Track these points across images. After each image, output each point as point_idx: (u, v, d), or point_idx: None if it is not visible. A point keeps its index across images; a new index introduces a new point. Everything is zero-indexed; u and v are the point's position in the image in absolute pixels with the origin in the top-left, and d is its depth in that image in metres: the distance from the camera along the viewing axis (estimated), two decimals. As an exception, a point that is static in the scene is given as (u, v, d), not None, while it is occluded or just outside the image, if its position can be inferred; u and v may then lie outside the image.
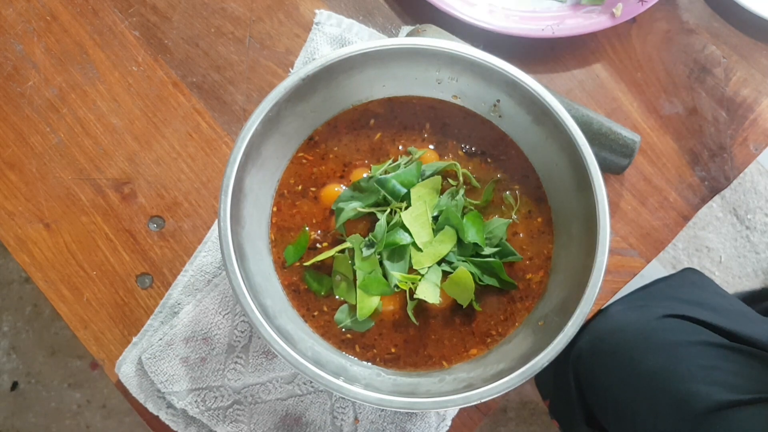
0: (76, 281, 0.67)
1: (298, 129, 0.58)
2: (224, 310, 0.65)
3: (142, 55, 0.71)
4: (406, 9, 0.72)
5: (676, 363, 0.65)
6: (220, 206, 0.51)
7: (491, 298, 0.57)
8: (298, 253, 0.58)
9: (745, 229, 1.43)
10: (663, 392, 0.64)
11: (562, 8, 0.70)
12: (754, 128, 0.71)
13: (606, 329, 0.73)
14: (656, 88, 0.71)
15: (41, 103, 0.70)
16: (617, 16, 0.68)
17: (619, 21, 0.68)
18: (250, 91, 0.71)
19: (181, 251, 0.68)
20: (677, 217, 0.69)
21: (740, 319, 0.74)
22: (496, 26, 0.68)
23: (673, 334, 0.69)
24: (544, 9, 0.71)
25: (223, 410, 0.64)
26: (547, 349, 0.50)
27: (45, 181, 0.69)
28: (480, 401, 0.49)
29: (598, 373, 0.71)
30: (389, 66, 0.57)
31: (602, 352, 0.71)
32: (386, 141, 0.60)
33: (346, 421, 0.65)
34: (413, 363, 0.56)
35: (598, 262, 0.51)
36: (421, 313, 0.57)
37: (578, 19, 0.69)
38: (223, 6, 0.72)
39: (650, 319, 0.72)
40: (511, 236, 0.58)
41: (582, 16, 0.69)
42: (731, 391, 0.61)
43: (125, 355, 0.65)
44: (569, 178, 0.55)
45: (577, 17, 0.69)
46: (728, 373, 0.65)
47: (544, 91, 0.54)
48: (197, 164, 0.69)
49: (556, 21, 0.69)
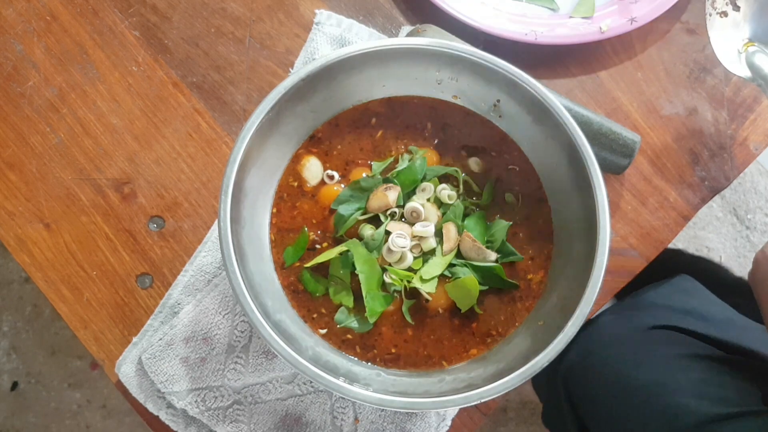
0: (76, 281, 0.67)
1: (298, 129, 0.58)
2: (224, 310, 0.65)
3: (142, 55, 0.71)
4: (406, 9, 0.72)
5: (666, 376, 0.66)
6: (220, 206, 0.51)
7: (491, 299, 0.57)
8: (297, 254, 0.58)
9: (745, 229, 1.43)
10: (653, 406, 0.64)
11: (553, 16, 0.70)
12: (754, 128, 0.71)
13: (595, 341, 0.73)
14: (656, 88, 0.71)
15: (41, 103, 0.70)
16: (604, 32, 0.68)
17: (605, 37, 0.68)
18: (250, 91, 0.71)
19: (181, 251, 0.68)
20: (677, 217, 0.69)
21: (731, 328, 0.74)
22: (483, 24, 0.68)
23: (663, 346, 0.70)
24: (535, 15, 0.70)
25: (223, 410, 0.64)
26: (547, 349, 0.50)
27: (45, 181, 0.69)
28: (480, 401, 0.49)
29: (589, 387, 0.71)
30: (389, 66, 0.57)
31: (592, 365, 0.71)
32: (389, 139, 0.60)
33: (346, 421, 0.65)
34: (413, 363, 0.56)
35: (598, 262, 0.51)
36: (421, 314, 0.57)
37: (565, 29, 0.69)
38: (223, 6, 0.72)
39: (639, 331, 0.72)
40: (512, 236, 0.58)
41: (569, 27, 0.69)
42: (721, 404, 0.61)
43: (125, 355, 0.65)
44: (569, 178, 0.55)
45: (565, 27, 0.69)
46: (718, 386, 0.65)
47: (544, 91, 0.54)
48: (197, 164, 0.69)
49: (544, 28, 0.69)
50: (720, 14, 0.64)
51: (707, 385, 0.65)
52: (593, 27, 0.68)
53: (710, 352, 0.69)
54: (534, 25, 0.69)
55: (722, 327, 0.73)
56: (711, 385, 0.65)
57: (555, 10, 0.71)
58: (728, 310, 0.80)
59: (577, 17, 0.70)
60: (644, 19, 0.68)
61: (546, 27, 0.69)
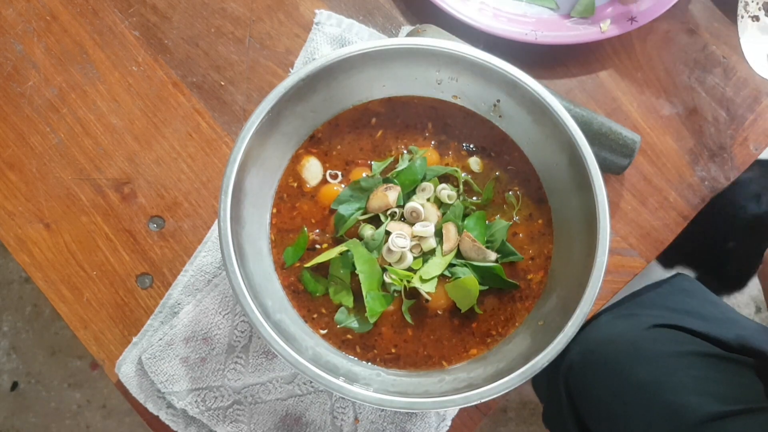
0: (76, 281, 0.67)
1: (298, 129, 0.58)
2: (224, 310, 0.65)
3: (142, 55, 0.71)
4: (406, 9, 0.72)
5: (668, 374, 0.66)
6: (220, 206, 0.51)
7: (491, 299, 0.57)
8: (297, 254, 0.58)
9: (745, 229, 1.43)
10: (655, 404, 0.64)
11: (553, 16, 0.70)
12: (754, 128, 0.71)
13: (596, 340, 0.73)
14: (656, 88, 0.71)
15: (41, 103, 0.70)
16: (604, 32, 0.68)
17: (605, 37, 0.68)
18: (250, 91, 0.71)
19: (181, 251, 0.68)
20: (677, 217, 0.69)
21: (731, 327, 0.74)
22: (482, 24, 0.68)
23: (664, 344, 0.70)
24: (535, 14, 0.70)
25: (223, 410, 0.64)
26: (547, 349, 0.50)
27: (45, 181, 0.69)
28: (480, 401, 0.49)
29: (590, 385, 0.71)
30: (389, 66, 0.57)
31: (593, 363, 0.71)
32: (389, 139, 0.60)
33: (346, 421, 0.65)
34: (413, 363, 0.56)
35: (598, 262, 0.51)
36: (421, 314, 0.57)
37: (565, 29, 0.69)
38: (223, 6, 0.72)
39: (640, 330, 0.72)
40: (512, 236, 0.58)
41: (569, 27, 0.69)
42: (722, 401, 0.61)
43: (125, 355, 0.65)
44: (569, 178, 0.55)
45: (565, 27, 0.69)
46: (719, 383, 0.65)
47: (544, 91, 0.54)
48: (197, 164, 0.69)
49: (544, 28, 0.69)
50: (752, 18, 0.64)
51: (709, 382, 0.65)
52: (593, 27, 0.68)
53: (711, 350, 0.69)
54: (534, 25, 0.69)
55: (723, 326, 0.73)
56: (712, 383, 0.65)
57: (555, 10, 0.71)
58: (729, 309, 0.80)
59: (577, 17, 0.70)
60: (644, 19, 0.68)
61: (546, 27, 0.69)
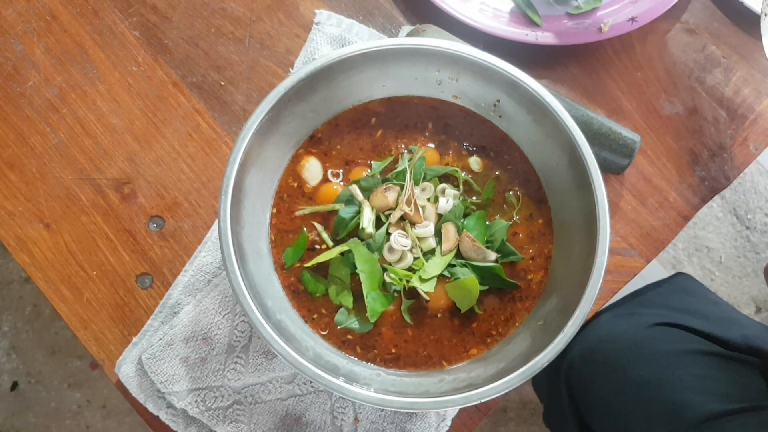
0: (76, 281, 0.67)
1: (298, 129, 0.58)
2: (224, 310, 0.65)
3: (142, 55, 0.71)
4: (406, 9, 0.72)
5: (668, 372, 0.66)
6: (220, 206, 0.51)
7: (491, 299, 0.57)
8: (296, 254, 0.58)
9: (745, 229, 1.43)
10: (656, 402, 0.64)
11: (553, 16, 0.70)
12: (754, 128, 0.71)
13: (597, 339, 0.73)
14: (656, 88, 0.71)
15: (41, 103, 0.70)
16: (604, 32, 0.68)
17: (606, 37, 0.68)
18: (250, 91, 0.71)
19: (181, 251, 0.68)
20: (677, 217, 0.69)
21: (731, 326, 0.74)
22: (483, 25, 0.68)
23: (664, 343, 0.70)
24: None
25: (223, 410, 0.64)
26: (547, 349, 0.50)
27: (45, 181, 0.69)
28: (480, 401, 0.49)
29: (591, 384, 0.71)
30: (389, 66, 0.57)
31: (594, 362, 0.71)
32: (389, 139, 0.60)
33: (346, 421, 0.65)
34: (413, 363, 0.56)
35: (598, 262, 0.51)
36: (421, 314, 0.57)
37: (566, 29, 0.69)
38: (223, 6, 0.72)
39: (641, 328, 0.72)
40: (512, 236, 0.58)
41: (570, 27, 0.69)
42: (723, 400, 0.62)
43: (125, 355, 0.65)
44: (569, 178, 0.55)
45: (564, 28, 0.69)
46: (720, 381, 0.65)
47: (544, 91, 0.54)
48: (197, 164, 0.69)
49: (543, 28, 0.69)
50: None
51: (709, 381, 0.65)
52: (593, 27, 0.68)
53: (712, 349, 0.69)
54: (534, 25, 0.69)
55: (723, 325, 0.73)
56: (713, 381, 0.65)
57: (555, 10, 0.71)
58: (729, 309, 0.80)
59: (577, 15, 0.69)
60: (644, 19, 0.68)
61: (546, 27, 0.69)
